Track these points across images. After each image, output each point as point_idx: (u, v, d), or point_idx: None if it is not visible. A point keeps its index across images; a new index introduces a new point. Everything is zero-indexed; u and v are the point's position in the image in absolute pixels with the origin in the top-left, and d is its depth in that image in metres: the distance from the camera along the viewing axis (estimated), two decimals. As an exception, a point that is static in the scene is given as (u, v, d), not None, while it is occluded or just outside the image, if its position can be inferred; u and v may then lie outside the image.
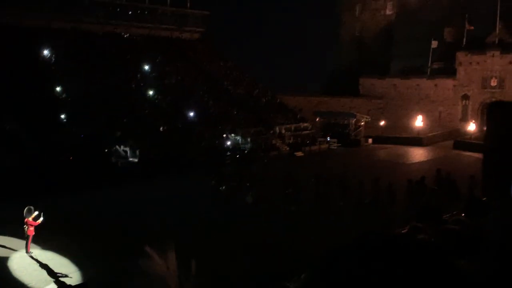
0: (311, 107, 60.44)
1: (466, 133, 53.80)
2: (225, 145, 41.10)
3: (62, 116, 35.95)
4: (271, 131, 46.70)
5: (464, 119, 58.35)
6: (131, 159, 35.33)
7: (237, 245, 18.50)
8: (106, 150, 34.44)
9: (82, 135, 33.90)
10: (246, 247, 18.21)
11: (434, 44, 60.73)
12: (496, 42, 58.08)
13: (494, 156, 1.42)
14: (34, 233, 17.84)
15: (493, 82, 57.24)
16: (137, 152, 35.31)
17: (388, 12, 78.81)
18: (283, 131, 47.73)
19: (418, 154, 46.13)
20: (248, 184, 26.59)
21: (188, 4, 58.80)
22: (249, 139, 42.86)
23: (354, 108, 61.17)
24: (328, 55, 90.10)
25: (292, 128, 49.27)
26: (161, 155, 34.63)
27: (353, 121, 54.10)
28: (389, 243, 1.75)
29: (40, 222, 17.81)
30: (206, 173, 29.30)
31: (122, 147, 35.79)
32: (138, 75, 46.41)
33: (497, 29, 58.21)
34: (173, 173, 31.97)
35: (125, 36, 51.87)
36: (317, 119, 55.14)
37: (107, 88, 40.34)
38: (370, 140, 52.23)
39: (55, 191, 25.49)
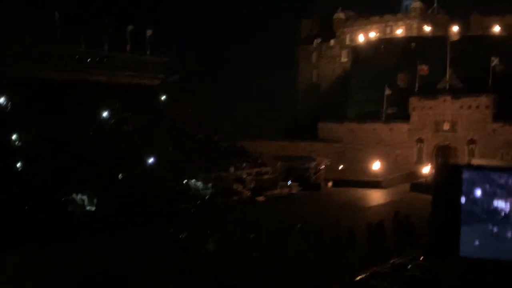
0: (272, 152, 60.91)
1: (422, 176, 55.08)
2: (186, 191, 40.74)
3: (18, 164, 35.06)
4: (232, 176, 46.67)
5: (420, 162, 59.86)
6: (88, 207, 34.55)
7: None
8: (63, 199, 33.62)
9: (37, 184, 33.04)
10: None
11: (388, 91, 62.75)
12: (447, 87, 60.45)
13: (440, 215, 1.51)
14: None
15: (446, 126, 59.23)
16: (95, 200, 34.59)
17: (343, 59, 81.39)
18: (244, 176, 47.78)
19: (376, 197, 46.84)
20: (209, 231, 26.32)
21: (148, 51, 59.19)
22: (209, 185, 42.67)
23: (314, 152, 61.97)
24: (288, 101, 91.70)
25: (253, 172, 49.41)
26: (119, 203, 33.98)
27: (313, 165, 54.71)
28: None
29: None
30: (166, 220, 28.92)
31: (79, 195, 35.02)
32: (96, 122, 45.95)
33: (448, 75, 60.70)
34: (131, 222, 31.34)
35: (83, 83, 51.54)
36: (278, 164, 55.53)
37: (64, 135, 39.72)
38: (330, 184, 52.81)
39: (4, 244, 24.51)
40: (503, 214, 1.82)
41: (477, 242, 1.87)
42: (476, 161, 53.25)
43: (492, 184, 1.80)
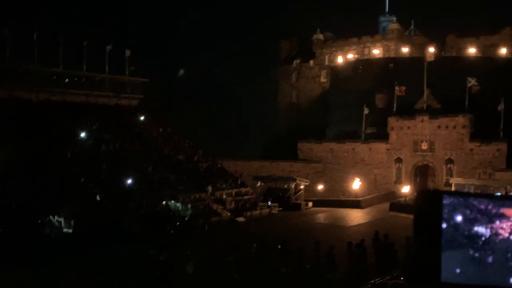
0: (252, 172, 60.90)
1: (401, 195, 55.44)
2: (165, 212, 40.34)
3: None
4: (212, 197, 46.41)
5: (399, 182, 60.30)
6: (65, 230, 33.95)
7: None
8: (39, 221, 33.00)
9: (13, 206, 32.42)
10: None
11: (366, 110, 63.37)
12: (425, 107, 61.31)
13: (422, 241, 1.49)
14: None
15: (424, 146, 59.89)
16: (72, 222, 34.02)
17: (322, 79, 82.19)
18: (224, 196, 47.55)
19: (356, 217, 46.92)
20: (188, 253, 25.99)
21: (127, 71, 59.08)
22: (189, 205, 42.34)
23: (294, 172, 62.10)
24: (267, 121, 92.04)
25: (233, 193, 49.20)
26: (97, 225, 33.48)
27: (293, 185, 54.76)
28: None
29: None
30: (145, 242, 28.48)
31: (56, 217, 34.43)
32: (74, 143, 45.46)
33: (425, 95, 61.61)
34: (109, 244, 30.84)
35: (61, 103, 51.11)
36: (258, 184, 55.45)
37: (41, 156, 39.19)
38: (310, 204, 52.80)
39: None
40: (483, 239, 1.80)
41: (458, 268, 1.85)
42: (453, 180, 53.88)
43: (472, 209, 1.78)
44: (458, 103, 58.52)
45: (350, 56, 79.90)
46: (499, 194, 47.41)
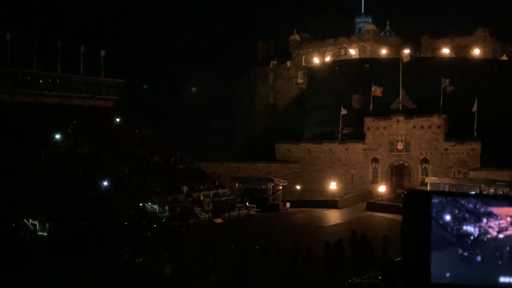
0: (229, 173, 60.77)
1: (377, 195, 55.90)
2: (141, 215, 39.96)
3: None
4: (189, 198, 46.15)
5: (375, 181, 60.79)
6: (40, 233, 33.39)
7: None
8: (13, 225, 32.38)
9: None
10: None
11: (343, 111, 63.75)
12: (400, 108, 61.94)
13: (410, 242, 1.47)
14: None
15: (400, 146, 60.49)
16: (47, 225, 33.47)
17: (299, 80, 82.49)
18: (202, 198, 47.33)
19: (334, 217, 47.16)
20: (166, 255, 25.78)
21: (102, 73, 58.41)
22: (166, 207, 42.03)
23: (271, 173, 62.15)
24: (245, 122, 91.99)
25: (211, 194, 49.01)
26: (72, 228, 32.98)
27: (271, 186, 54.82)
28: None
29: None
30: (122, 245, 28.16)
31: (30, 220, 33.83)
32: (49, 145, 44.75)
33: (400, 96, 62.25)
34: (85, 248, 30.39)
35: (35, 105, 50.29)
36: (236, 185, 55.36)
37: (15, 159, 38.48)
38: (288, 204, 52.89)
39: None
40: (472, 238, 1.80)
41: (447, 268, 1.84)
42: (429, 180, 54.54)
43: (461, 209, 1.78)
44: (433, 103, 59.28)
45: (327, 58, 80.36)
46: (473, 193, 48.19)
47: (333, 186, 58.85)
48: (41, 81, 52.19)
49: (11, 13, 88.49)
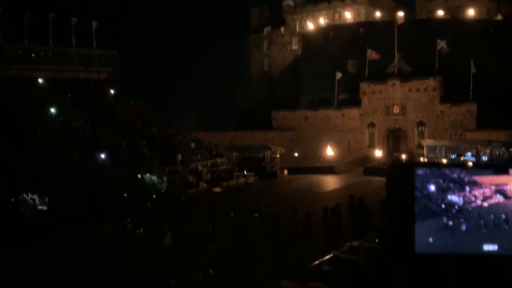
0: (226, 143, 60.89)
1: (374, 159, 56.21)
2: (140, 187, 40.16)
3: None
4: (187, 169, 46.33)
5: (372, 146, 61.06)
6: (40, 207, 33.57)
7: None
8: (12, 200, 32.54)
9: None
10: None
11: (338, 75, 63.50)
12: (396, 72, 61.73)
13: (395, 213, 1.48)
14: None
15: (396, 110, 60.54)
16: (46, 199, 33.64)
17: (294, 47, 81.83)
18: (200, 168, 47.50)
19: (331, 182, 47.49)
20: (166, 225, 26.01)
21: (95, 44, 57.77)
22: (165, 178, 42.21)
23: (268, 141, 62.28)
24: (240, 91, 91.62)
25: (209, 164, 49.18)
26: (72, 201, 33.17)
27: (268, 154, 55.01)
28: None
29: None
30: (122, 217, 28.34)
31: (29, 195, 33.97)
32: (44, 120, 44.60)
33: (396, 59, 61.95)
34: (86, 220, 30.65)
35: (28, 79, 49.91)
36: (233, 154, 55.54)
37: (11, 134, 38.39)
38: (285, 172, 53.20)
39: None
40: (456, 207, 1.82)
41: (431, 238, 1.87)
42: (425, 142, 54.79)
43: (445, 179, 1.79)
44: (428, 66, 59.06)
45: (321, 21, 79.53)
46: (470, 154, 48.42)
47: (330, 152, 59.09)
48: (33, 55, 51.65)
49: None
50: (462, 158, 47.09)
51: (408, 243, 1.68)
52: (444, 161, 47.47)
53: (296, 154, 61.10)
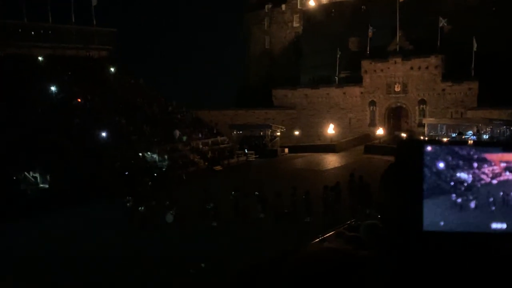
0: (227, 121, 60.79)
1: (375, 138, 56.19)
2: (141, 164, 40.23)
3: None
4: (188, 147, 46.36)
5: (373, 124, 60.97)
6: (41, 185, 33.69)
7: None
8: (14, 178, 32.62)
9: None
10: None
11: (340, 53, 63.12)
12: (397, 49, 61.32)
13: (403, 190, 1.46)
14: None
15: (397, 88, 60.29)
16: (48, 177, 33.73)
17: (295, 24, 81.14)
18: (200, 146, 47.53)
19: (332, 161, 47.56)
20: (167, 203, 26.14)
21: (94, 22, 57.37)
22: (166, 156, 42.26)
23: (269, 119, 62.19)
24: (240, 69, 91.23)
25: (209, 142, 49.20)
26: (73, 179, 33.25)
27: (269, 132, 54.99)
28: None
29: None
30: (123, 195, 28.45)
31: (31, 173, 34.06)
32: (44, 97, 44.47)
33: (397, 37, 61.50)
34: (87, 198, 30.77)
35: (28, 57, 49.66)
36: (234, 132, 55.52)
37: (11, 113, 38.33)
38: (286, 150, 53.22)
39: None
40: (465, 184, 1.80)
41: (440, 216, 1.85)
42: (426, 121, 54.70)
43: (454, 156, 1.77)
44: (430, 43, 58.62)
45: (322, -1, 78.67)
46: (471, 132, 48.38)
47: (331, 130, 59.06)
48: (33, 33, 51.33)
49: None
50: (463, 137, 47.06)
51: (416, 221, 1.66)
52: (445, 139, 47.47)
53: (296, 133, 61.08)
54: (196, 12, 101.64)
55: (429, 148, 1.69)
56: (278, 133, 55.82)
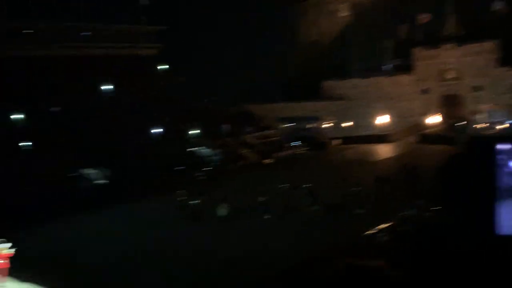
0: (275, 114, 60.63)
1: (428, 127, 54.81)
2: (193, 160, 40.76)
3: (24, 143, 35.07)
4: (238, 141, 46.60)
5: (425, 113, 59.46)
6: (98, 182, 34.66)
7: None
8: (71, 175, 33.69)
9: (45, 161, 33.05)
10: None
11: (389, 42, 61.85)
12: (449, 35, 59.47)
13: (473, 191, 1.38)
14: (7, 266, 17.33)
15: (450, 75, 58.54)
16: (103, 174, 34.66)
17: (342, 14, 79.94)
18: (250, 140, 47.69)
19: (383, 151, 46.70)
20: (220, 197, 26.39)
21: (144, 21, 58.26)
22: (217, 151, 42.66)
23: (318, 111, 61.61)
24: (287, 61, 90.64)
25: (259, 136, 49.28)
26: (129, 175, 34.04)
27: (318, 124, 54.54)
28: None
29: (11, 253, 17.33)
30: (176, 189, 28.91)
31: (86, 170, 35.08)
32: (96, 97, 45.66)
33: (449, 22, 59.63)
34: (142, 193, 31.47)
35: (80, 57, 51.01)
36: (282, 125, 55.35)
37: (67, 112, 39.61)
38: (337, 141, 52.65)
39: (24, 223, 24.84)
40: None
41: None
42: (482, 108, 52.89)
43: None
44: (484, 27, 56.49)
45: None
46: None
47: (381, 120, 57.99)
48: (83, 34, 52.67)
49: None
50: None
51: (487, 224, 1.55)
52: (503, 126, 45.81)
53: (347, 124, 60.25)
54: (234, 7, 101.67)
55: (501, 146, 1.57)
56: (328, 125, 55.27)
